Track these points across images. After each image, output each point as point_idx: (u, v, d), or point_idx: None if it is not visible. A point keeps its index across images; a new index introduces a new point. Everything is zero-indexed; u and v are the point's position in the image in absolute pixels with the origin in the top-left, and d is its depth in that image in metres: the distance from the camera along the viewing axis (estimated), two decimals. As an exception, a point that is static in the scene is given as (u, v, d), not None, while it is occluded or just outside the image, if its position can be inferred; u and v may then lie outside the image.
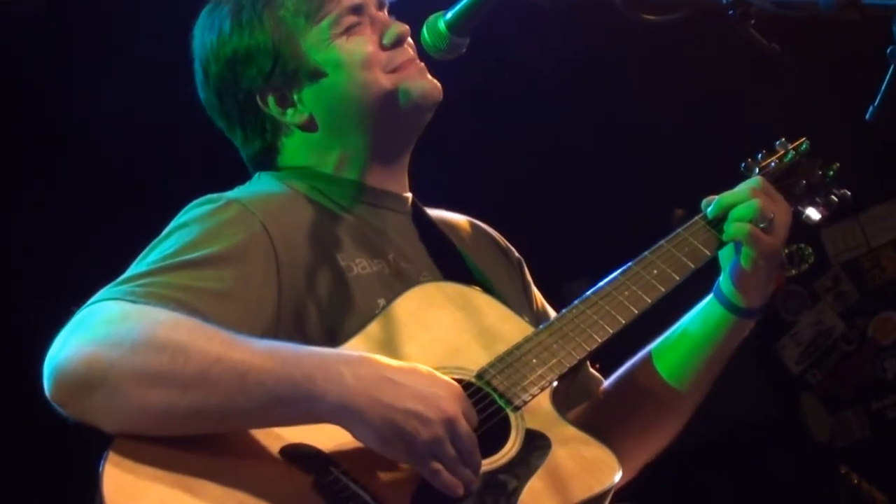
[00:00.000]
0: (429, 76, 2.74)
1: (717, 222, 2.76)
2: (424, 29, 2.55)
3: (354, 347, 2.44)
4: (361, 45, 2.69)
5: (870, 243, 6.60)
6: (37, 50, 4.99)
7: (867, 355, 6.65)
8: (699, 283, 2.79)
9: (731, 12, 2.13)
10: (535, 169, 6.20)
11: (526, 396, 2.45)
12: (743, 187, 2.77)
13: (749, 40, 2.16)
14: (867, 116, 2.14)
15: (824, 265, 6.62)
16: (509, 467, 2.39)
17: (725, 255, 2.76)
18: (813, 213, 2.91)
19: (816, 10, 2.04)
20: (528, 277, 2.99)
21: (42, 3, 4.92)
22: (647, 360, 2.82)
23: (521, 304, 2.82)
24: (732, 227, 2.71)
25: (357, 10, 2.71)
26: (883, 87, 2.09)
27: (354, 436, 2.28)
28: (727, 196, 2.76)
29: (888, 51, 2.03)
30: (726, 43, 2.26)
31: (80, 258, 5.04)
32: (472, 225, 2.99)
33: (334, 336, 2.48)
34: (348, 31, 2.70)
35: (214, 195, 2.61)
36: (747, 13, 2.13)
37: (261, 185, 2.75)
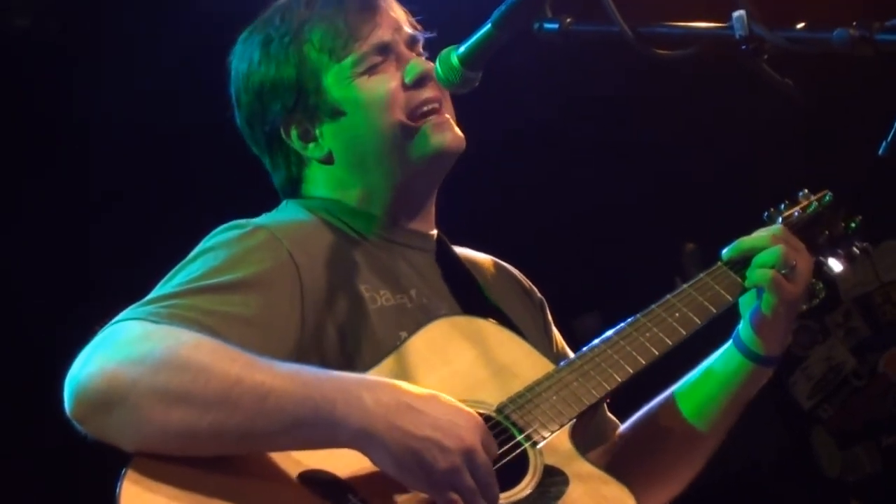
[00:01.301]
0: (450, 128, 2.72)
1: (739, 268, 2.78)
2: (437, 62, 2.54)
3: (374, 376, 2.42)
4: (382, 85, 2.68)
5: (881, 279, 6.59)
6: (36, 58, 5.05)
7: (878, 390, 6.63)
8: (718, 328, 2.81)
9: (744, 47, 2.13)
10: (545, 203, 6.20)
11: (545, 433, 2.45)
12: (763, 233, 2.78)
13: (762, 76, 2.15)
14: (880, 152, 2.14)
15: (835, 300, 6.61)
16: (526, 502, 2.38)
17: (745, 303, 2.78)
18: (834, 265, 2.93)
19: (830, 46, 2.05)
20: (550, 319, 3.00)
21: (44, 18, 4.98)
22: (671, 400, 2.83)
23: (541, 345, 2.81)
24: (755, 273, 2.73)
25: (384, 49, 2.70)
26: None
27: (373, 461, 2.27)
28: (747, 241, 2.78)
29: (901, 86, 2.04)
30: (739, 81, 2.26)
31: (77, 261, 5.08)
32: (496, 265, 2.99)
33: (354, 366, 2.48)
34: (371, 70, 2.68)
35: (242, 221, 2.61)
36: (760, 48, 2.13)
37: (288, 212, 2.75)
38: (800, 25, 2.12)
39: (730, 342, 2.81)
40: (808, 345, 6.75)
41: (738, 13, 2.13)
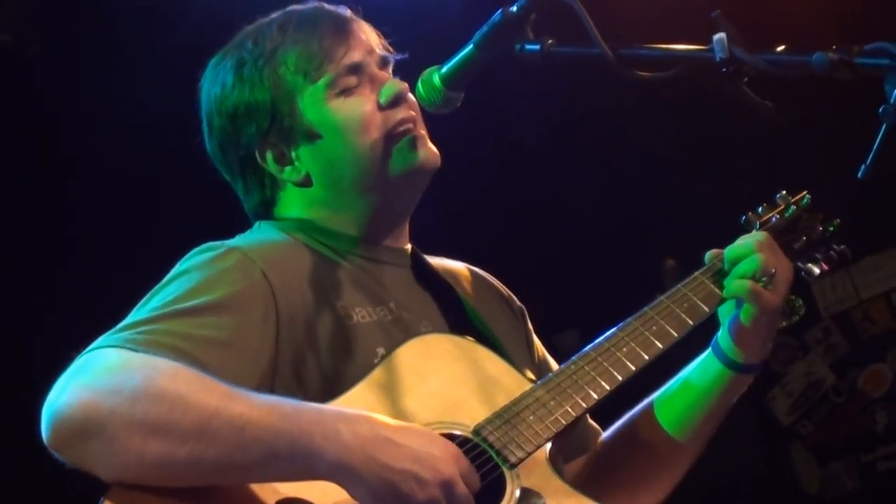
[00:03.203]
0: (426, 144, 2.72)
1: (718, 277, 2.76)
2: (419, 82, 2.55)
3: (352, 399, 2.43)
4: (356, 107, 2.68)
5: (860, 295, 6.61)
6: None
7: (857, 407, 6.65)
8: (702, 333, 2.80)
9: (724, 70, 2.14)
10: (526, 219, 6.21)
11: (521, 454, 2.44)
12: (748, 240, 2.77)
13: (742, 98, 2.16)
14: (859, 175, 2.14)
15: (815, 317, 6.63)
16: None
17: (724, 311, 2.75)
18: (813, 269, 2.91)
19: (809, 69, 2.06)
20: (530, 327, 2.99)
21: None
22: (649, 410, 2.82)
23: (522, 354, 2.82)
24: (734, 284, 2.71)
25: (356, 69, 2.69)
26: (875, 146, 2.10)
27: (351, 494, 2.27)
28: (731, 249, 2.76)
29: (880, 109, 2.04)
30: (720, 98, 2.28)
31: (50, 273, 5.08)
32: (473, 273, 2.98)
33: (332, 386, 2.48)
34: (345, 92, 2.68)
35: (216, 243, 2.60)
36: (740, 71, 2.14)
37: (262, 233, 2.74)
38: (779, 48, 2.13)
39: (708, 350, 2.79)
40: (788, 361, 6.76)
41: (719, 36, 2.14)
